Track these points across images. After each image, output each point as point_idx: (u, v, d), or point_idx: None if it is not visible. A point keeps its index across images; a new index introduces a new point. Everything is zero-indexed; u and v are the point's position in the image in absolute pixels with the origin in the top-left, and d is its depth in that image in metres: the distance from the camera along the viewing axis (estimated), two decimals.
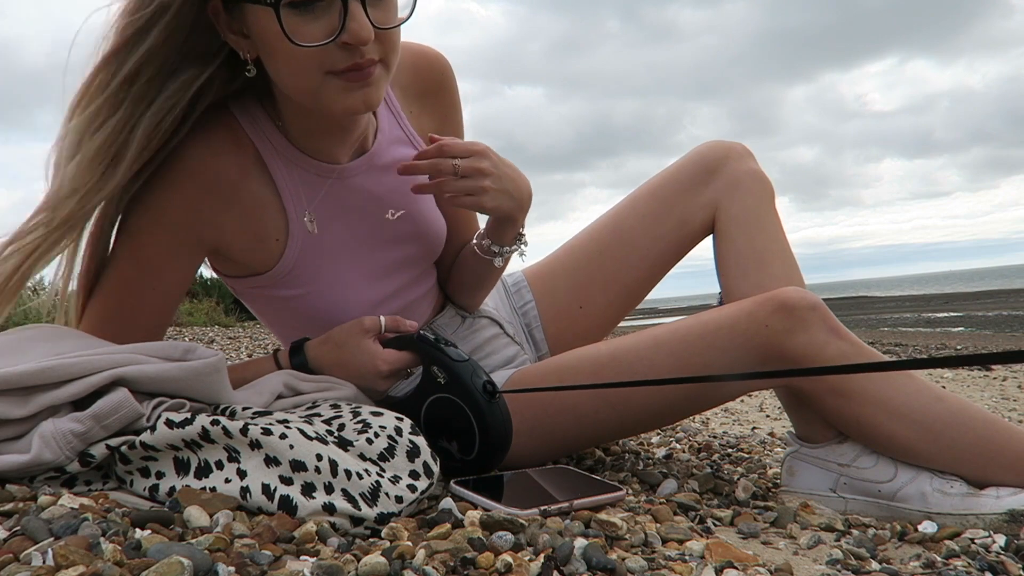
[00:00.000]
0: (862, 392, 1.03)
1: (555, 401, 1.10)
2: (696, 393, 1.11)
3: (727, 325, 1.05)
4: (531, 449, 1.12)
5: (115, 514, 0.68)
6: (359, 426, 0.86)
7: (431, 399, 0.97)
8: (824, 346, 1.02)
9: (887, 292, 49.78)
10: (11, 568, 0.55)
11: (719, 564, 0.74)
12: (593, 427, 1.13)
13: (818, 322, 1.02)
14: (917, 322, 16.23)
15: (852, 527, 0.99)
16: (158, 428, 0.78)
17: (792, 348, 1.02)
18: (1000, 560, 0.85)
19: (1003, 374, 4.33)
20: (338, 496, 0.75)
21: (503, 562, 0.65)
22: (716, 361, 1.05)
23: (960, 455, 1.02)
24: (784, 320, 1.02)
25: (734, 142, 1.28)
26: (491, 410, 0.92)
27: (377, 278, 1.11)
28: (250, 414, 0.84)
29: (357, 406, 0.94)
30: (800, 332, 1.02)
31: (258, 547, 0.65)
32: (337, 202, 1.05)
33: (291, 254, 1.03)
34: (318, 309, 1.07)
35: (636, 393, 1.08)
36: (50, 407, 0.79)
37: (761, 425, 2.36)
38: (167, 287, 1.02)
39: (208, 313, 9.08)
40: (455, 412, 0.94)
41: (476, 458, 0.94)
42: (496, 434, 0.93)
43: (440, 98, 1.15)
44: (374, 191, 1.07)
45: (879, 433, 1.04)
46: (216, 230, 1.00)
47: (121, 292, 1.00)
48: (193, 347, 0.88)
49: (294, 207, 1.02)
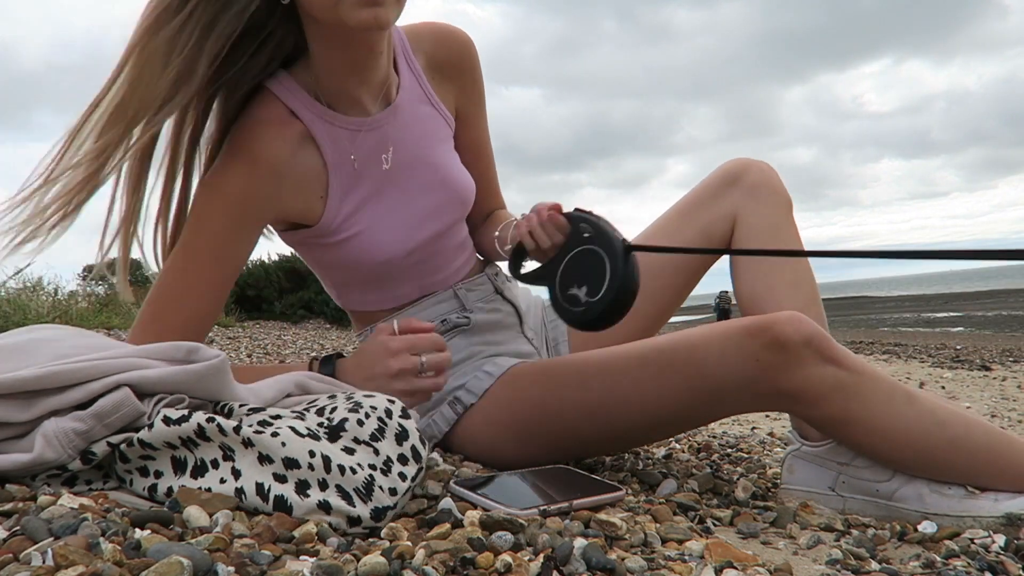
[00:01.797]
0: (861, 422, 1.01)
1: (543, 409, 1.12)
2: (682, 416, 1.09)
3: (716, 352, 1.01)
4: (518, 455, 1.14)
5: (115, 514, 0.68)
6: (351, 405, 0.86)
7: (573, 252, 1.07)
8: (820, 381, 0.98)
9: (887, 292, 49.75)
10: (11, 568, 0.55)
11: (719, 564, 0.74)
12: (576, 441, 1.14)
13: (812, 356, 0.98)
14: (917, 322, 16.23)
15: (852, 527, 0.99)
16: (155, 425, 0.78)
17: (786, 385, 0.99)
18: (1000, 560, 0.85)
19: (1003, 374, 4.34)
20: (332, 493, 0.75)
21: (503, 562, 0.65)
22: (703, 389, 1.03)
23: (959, 475, 1.02)
24: (776, 356, 0.97)
25: (759, 160, 1.30)
26: (626, 259, 1.03)
27: (411, 226, 1.17)
28: (245, 411, 0.84)
29: (352, 393, 0.94)
30: (795, 369, 0.98)
31: (258, 547, 0.65)
32: (370, 152, 1.14)
33: (333, 205, 1.13)
34: (361, 253, 1.15)
35: (620, 413, 1.08)
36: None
37: (761, 425, 2.36)
38: (230, 261, 1.08)
39: None
40: (594, 261, 1.04)
41: (601, 299, 1.02)
42: (627, 280, 1.02)
43: (462, 73, 1.24)
44: (401, 140, 1.16)
45: (879, 458, 1.04)
46: (273, 203, 1.09)
47: (187, 267, 1.05)
48: (196, 347, 0.88)
49: (335, 163, 1.12)
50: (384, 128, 1.14)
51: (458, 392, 1.20)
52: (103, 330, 5.23)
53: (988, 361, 5.33)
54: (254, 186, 1.05)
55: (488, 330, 1.28)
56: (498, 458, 1.16)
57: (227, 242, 1.07)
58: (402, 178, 1.17)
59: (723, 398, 1.03)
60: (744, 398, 1.03)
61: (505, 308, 1.31)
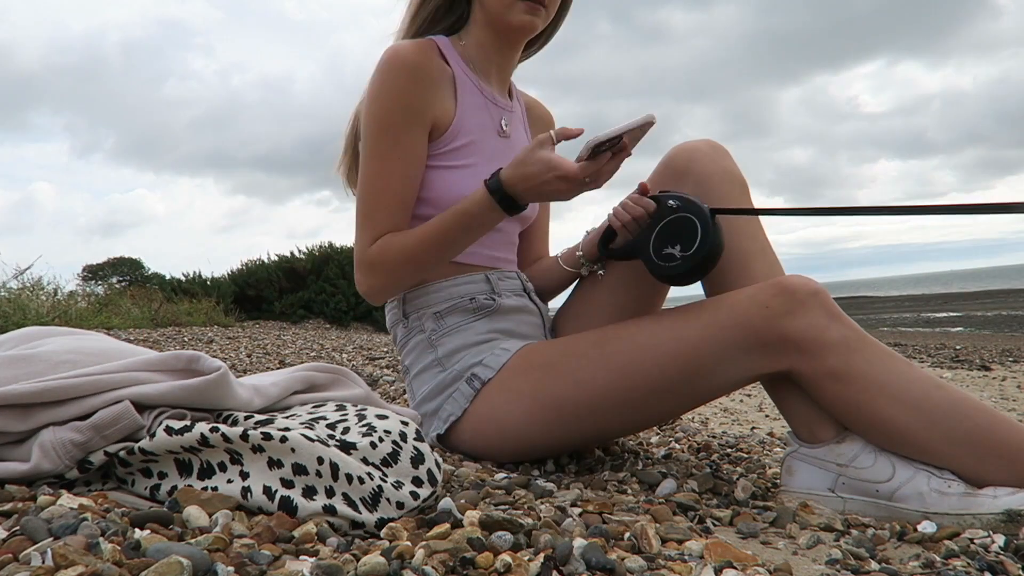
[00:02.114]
0: (862, 377, 1.04)
1: (561, 370, 1.17)
2: (692, 373, 1.11)
3: (727, 305, 1.09)
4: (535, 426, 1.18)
5: (114, 514, 0.68)
6: (364, 429, 0.86)
7: (664, 222, 1.21)
8: (825, 329, 1.04)
9: (886, 292, 49.76)
10: (10, 568, 0.55)
11: (718, 564, 0.74)
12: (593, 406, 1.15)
13: (818, 306, 1.05)
14: (916, 322, 16.23)
15: (851, 527, 0.99)
16: (157, 435, 0.78)
17: (792, 330, 1.04)
18: (999, 560, 0.85)
19: (1003, 374, 4.33)
20: (339, 500, 0.75)
21: (502, 562, 0.65)
22: (715, 338, 1.08)
23: (958, 445, 1.01)
24: (785, 302, 1.05)
25: (700, 140, 1.29)
26: (714, 222, 1.17)
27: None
28: (252, 423, 0.84)
29: (363, 408, 0.94)
30: (800, 315, 1.04)
31: (257, 547, 0.65)
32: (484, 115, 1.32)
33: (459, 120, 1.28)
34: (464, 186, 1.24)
35: (636, 366, 1.12)
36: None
37: (760, 425, 2.36)
38: (412, 154, 1.23)
39: (207, 313, 9.07)
40: (685, 224, 1.18)
41: (696, 252, 1.16)
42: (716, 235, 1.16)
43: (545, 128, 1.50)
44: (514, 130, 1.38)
45: (877, 419, 1.04)
46: (429, 103, 1.24)
47: (380, 167, 1.22)
48: (197, 356, 0.86)
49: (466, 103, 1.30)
50: (505, 112, 1.36)
51: (475, 369, 1.23)
52: (103, 330, 5.22)
53: (988, 361, 5.33)
54: (416, 87, 1.22)
55: (511, 318, 1.31)
56: (517, 432, 1.19)
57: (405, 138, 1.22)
58: (506, 153, 1.32)
59: (733, 351, 1.07)
60: (753, 349, 1.06)
61: (530, 306, 1.36)
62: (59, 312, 5.71)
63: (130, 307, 7.81)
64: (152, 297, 9.05)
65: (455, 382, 1.24)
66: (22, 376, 0.81)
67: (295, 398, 0.97)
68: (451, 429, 1.23)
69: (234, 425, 0.83)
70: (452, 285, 1.30)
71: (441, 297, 1.29)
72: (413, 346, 1.31)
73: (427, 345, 1.29)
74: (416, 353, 1.30)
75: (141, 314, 7.66)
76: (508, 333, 1.30)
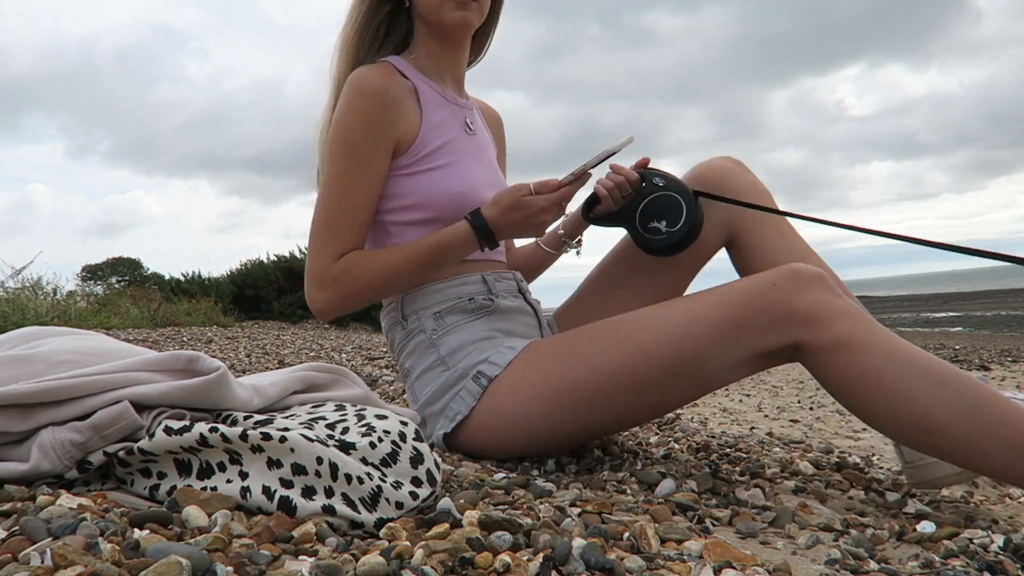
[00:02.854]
0: (867, 345, 1.06)
1: (573, 358, 1.19)
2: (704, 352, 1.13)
3: (738, 287, 1.15)
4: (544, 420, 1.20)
5: (113, 514, 0.68)
6: (363, 429, 0.86)
7: (650, 197, 1.34)
8: (829, 303, 1.09)
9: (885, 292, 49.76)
10: (9, 568, 0.55)
11: (717, 564, 0.74)
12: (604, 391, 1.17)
13: (824, 286, 1.10)
14: (915, 322, 16.23)
15: (850, 527, 0.99)
16: (157, 435, 0.78)
17: (799, 303, 1.09)
18: (999, 560, 0.85)
19: (1002, 374, 4.33)
20: (338, 500, 0.75)
21: (502, 562, 0.65)
22: (726, 317, 1.12)
23: (959, 409, 1.01)
24: (791, 280, 1.10)
25: (724, 158, 1.41)
26: (696, 201, 1.32)
27: (482, 183, 1.34)
28: (251, 423, 0.84)
29: (362, 408, 0.94)
30: (806, 291, 1.09)
31: (257, 547, 0.65)
32: (449, 117, 1.37)
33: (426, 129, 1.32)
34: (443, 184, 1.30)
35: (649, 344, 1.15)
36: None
37: (760, 425, 2.36)
38: (377, 178, 1.28)
39: (206, 313, 9.07)
40: (668, 203, 1.32)
41: (680, 228, 1.30)
42: (698, 214, 1.31)
43: (496, 133, 1.55)
44: (478, 127, 1.43)
45: (884, 386, 1.04)
46: (393, 122, 1.28)
47: (342, 183, 1.25)
48: (196, 357, 0.86)
49: (430, 105, 1.35)
50: (466, 111, 1.41)
51: (481, 367, 1.24)
52: (102, 330, 5.22)
53: (987, 361, 5.33)
54: (381, 110, 1.26)
55: (508, 318, 1.33)
56: (528, 425, 1.20)
57: (370, 158, 1.26)
58: (477, 149, 1.39)
59: (742, 329, 1.11)
60: (762, 325, 1.10)
61: (526, 308, 1.38)
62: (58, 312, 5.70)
63: (129, 307, 7.81)
64: (151, 297, 9.05)
65: (460, 380, 1.25)
66: (21, 376, 0.81)
67: (294, 398, 0.97)
68: (458, 428, 1.24)
69: (233, 425, 0.83)
70: (450, 286, 1.31)
71: (440, 298, 1.30)
72: (413, 347, 1.31)
73: (428, 345, 1.29)
74: (417, 354, 1.30)
75: (140, 314, 7.67)
76: (508, 333, 1.31)
